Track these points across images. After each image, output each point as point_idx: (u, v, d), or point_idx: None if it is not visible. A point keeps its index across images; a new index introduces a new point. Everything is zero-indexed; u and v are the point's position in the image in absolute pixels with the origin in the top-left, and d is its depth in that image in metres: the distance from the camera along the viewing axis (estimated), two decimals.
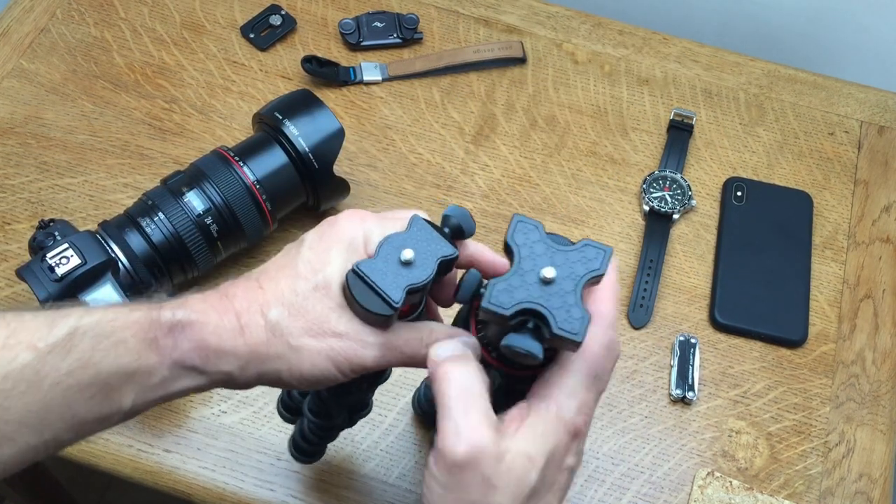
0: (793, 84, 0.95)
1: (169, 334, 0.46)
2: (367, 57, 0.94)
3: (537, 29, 0.97)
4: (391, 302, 0.45)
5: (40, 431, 0.44)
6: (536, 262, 0.44)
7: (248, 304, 0.47)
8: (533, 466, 0.43)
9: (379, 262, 0.46)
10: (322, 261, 0.47)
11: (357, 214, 0.49)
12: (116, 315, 0.46)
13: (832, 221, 0.86)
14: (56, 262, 0.65)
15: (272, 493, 0.70)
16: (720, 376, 0.78)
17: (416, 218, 0.48)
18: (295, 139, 0.75)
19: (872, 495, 0.73)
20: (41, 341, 0.44)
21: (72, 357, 0.44)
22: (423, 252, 0.46)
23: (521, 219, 0.45)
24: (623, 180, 0.88)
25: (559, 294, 0.43)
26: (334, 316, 0.47)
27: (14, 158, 0.85)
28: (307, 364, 0.47)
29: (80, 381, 0.44)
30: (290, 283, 0.47)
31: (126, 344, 0.45)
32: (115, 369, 0.45)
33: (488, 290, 0.43)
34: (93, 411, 0.45)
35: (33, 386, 0.43)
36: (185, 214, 0.72)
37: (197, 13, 0.95)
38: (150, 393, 0.47)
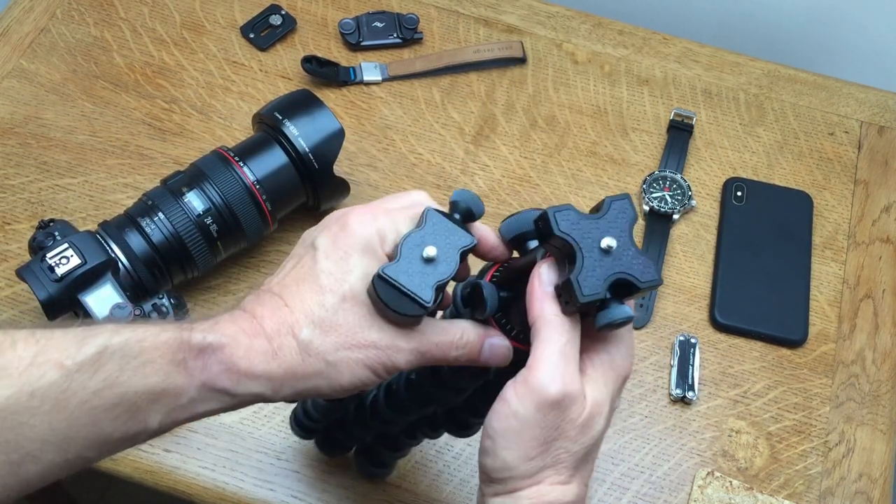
0: (793, 84, 0.95)
1: (198, 357, 0.46)
2: (367, 57, 0.94)
3: (537, 29, 0.97)
4: (422, 302, 0.45)
5: (65, 450, 0.44)
6: (591, 238, 0.45)
7: (278, 325, 0.47)
8: (602, 413, 0.47)
9: (403, 264, 0.46)
10: (343, 270, 0.47)
11: (367, 213, 0.49)
12: (145, 335, 0.45)
13: (832, 221, 0.86)
14: (56, 262, 0.65)
15: (272, 493, 0.70)
16: (720, 376, 0.78)
17: (430, 211, 0.48)
18: (295, 139, 0.75)
19: (872, 495, 0.73)
20: (69, 359, 0.43)
21: (99, 376, 0.44)
22: (443, 246, 0.47)
23: (555, 210, 0.46)
24: (623, 180, 0.88)
25: (623, 254, 0.45)
26: (366, 325, 0.47)
27: (14, 158, 0.85)
28: (347, 376, 0.47)
29: (107, 400, 0.44)
30: (317, 297, 0.47)
31: (154, 364, 0.45)
32: (142, 389, 0.45)
33: (575, 287, 0.44)
34: (119, 430, 0.45)
35: (60, 404, 0.43)
36: (185, 214, 0.72)
37: (197, 13, 0.96)
38: (178, 413, 0.47)
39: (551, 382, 0.45)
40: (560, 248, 0.46)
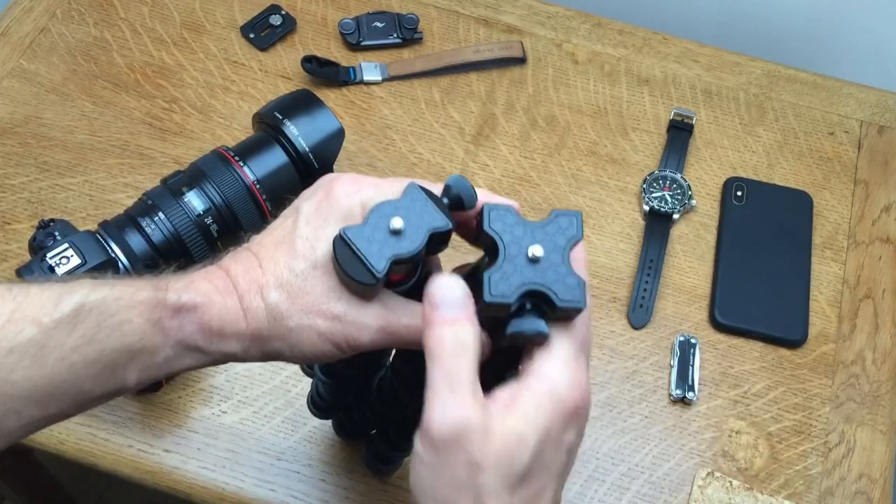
0: (793, 84, 0.95)
1: (174, 316, 0.46)
2: (367, 57, 0.94)
3: (537, 29, 0.97)
4: (374, 271, 0.44)
5: (46, 405, 0.45)
6: (520, 244, 0.44)
7: (249, 285, 0.47)
8: (524, 446, 0.41)
9: (367, 229, 0.45)
10: (318, 237, 0.47)
11: (353, 182, 0.48)
12: (122, 293, 0.46)
13: (832, 221, 0.86)
14: (56, 262, 0.65)
15: (272, 493, 0.70)
16: (720, 376, 0.78)
17: (412, 186, 0.46)
18: (295, 139, 0.75)
19: (872, 495, 0.73)
20: (46, 316, 0.44)
21: (77, 333, 0.44)
22: (413, 222, 0.45)
23: (492, 206, 0.45)
24: (623, 180, 0.88)
25: (551, 268, 0.44)
26: (332, 296, 0.46)
27: (14, 158, 0.85)
28: (307, 345, 0.47)
29: (86, 357, 0.44)
30: (288, 261, 0.47)
31: (131, 324, 0.45)
32: (119, 347, 0.45)
33: (485, 284, 0.43)
34: (98, 387, 0.46)
35: (38, 361, 0.43)
36: (185, 214, 0.72)
37: (197, 13, 0.95)
38: (154, 371, 0.47)
39: (436, 418, 0.40)
40: (487, 245, 0.45)
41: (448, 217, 0.46)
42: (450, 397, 0.41)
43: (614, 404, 0.76)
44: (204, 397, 0.74)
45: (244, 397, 0.74)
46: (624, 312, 0.80)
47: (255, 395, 0.74)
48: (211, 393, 0.74)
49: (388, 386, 0.59)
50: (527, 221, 0.44)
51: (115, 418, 0.72)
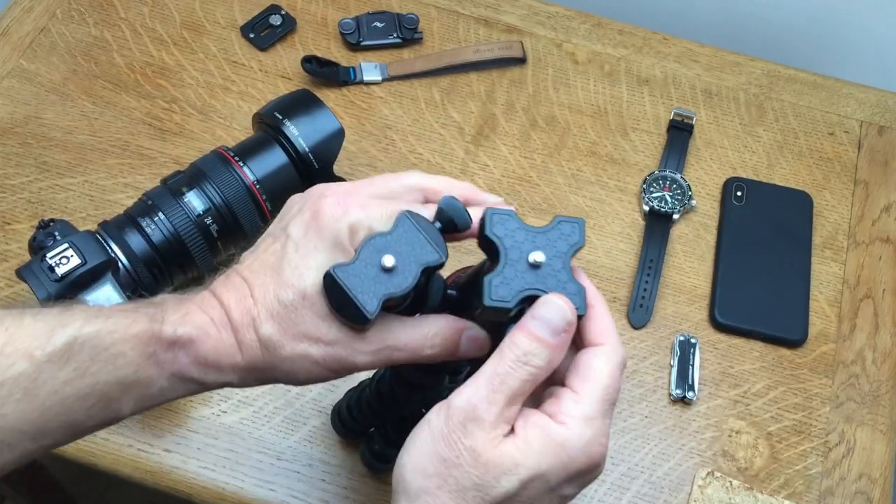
0: (793, 84, 0.95)
1: (169, 349, 0.46)
2: (367, 57, 0.94)
3: (537, 29, 0.97)
4: (364, 312, 0.43)
5: (39, 438, 0.45)
6: (522, 249, 0.44)
7: (242, 316, 0.47)
8: (513, 474, 0.41)
9: (358, 267, 0.44)
10: (307, 265, 0.46)
11: (341, 204, 0.47)
12: (116, 327, 0.45)
13: (832, 221, 0.86)
14: (56, 262, 0.65)
15: (272, 493, 0.70)
16: (720, 376, 0.78)
17: (403, 217, 0.45)
18: (295, 139, 0.75)
19: (872, 495, 0.73)
20: (38, 350, 0.43)
21: (69, 367, 0.44)
22: (405, 258, 0.44)
23: (494, 211, 0.44)
24: (623, 180, 0.88)
25: (552, 274, 0.44)
26: (324, 325, 0.46)
27: (14, 158, 0.85)
28: (302, 372, 0.47)
29: (79, 390, 0.44)
30: (276, 291, 0.46)
31: (125, 357, 0.45)
32: (113, 380, 0.45)
33: (486, 288, 0.43)
34: (92, 419, 0.46)
35: (30, 394, 0.43)
36: (185, 214, 0.71)
37: (197, 13, 0.95)
38: (149, 401, 0.47)
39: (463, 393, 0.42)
40: (488, 250, 0.45)
41: (440, 249, 0.46)
42: (488, 392, 0.42)
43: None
44: (204, 397, 0.74)
45: (244, 397, 0.74)
46: (624, 312, 0.80)
47: (255, 395, 0.74)
48: (211, 393, 0.74)
49: (388, 386, 0.59)
50: (529, 227, 0.44)
51: None
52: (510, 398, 0.42)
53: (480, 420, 0.41)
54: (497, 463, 0.41)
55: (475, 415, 0.42)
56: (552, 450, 0.42)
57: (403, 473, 0.43)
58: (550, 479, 0.42)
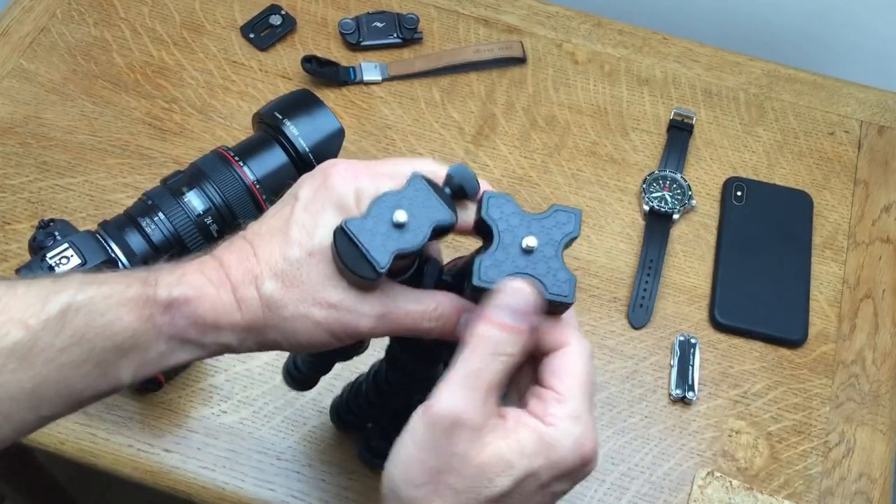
0: (793, 84, 0.95)
1: (165, 311, 0.45)
2: (367, 57, 0.94)
3: (537, 29, 0.97)
4: (376, 266, 0.43)
5: (37, 407, 0.44)
6: (515, 233, 0.44)
7: (243, 275, 0.46)
8: (506, 475, 0.41)
9: (369, 222, 0.44)
10: (315, 223, 0.46)
11: (351, 170, 0.47)
12: (111, 291, 0.45)
13: (832, 221, 0.86)
14: (56, 262, 0.65)
15: (272, 493, 0.70)
16: (720, 376, 0.78)
17: (415, 177, 0.45)
18: (295, 139, 0.75)
19: (872, 495, 0.73)
20: (33, 318, 0.43)
21: (65, 334, 0.43)
22: (417, 215, 0.44)
23: (491, 194, 0.44)
24: (623, 180, 0.88)
25: (543, 261, 0.44)
26: (329, 285, 0.45)
27: (14, 158, 0.85)
28: (303, 335, 0.46)
29: (75, 357, 0.44)
30: (283, 249, 0.46)
31: (121, 322, 0.44)
32: (110, 345, 0.44)
33: (476, 268, 0.43)
34: (90, 386, 0.45)
35: (26, 362, 0.43)
36: (185, 214, 0.71)
37: (197, 13, 0.96)
38: (148, 367, 0.46)
39: (442, 399, 0.41)
40: (483, 231, 0.45)
41: (452, 209, 0.46)
42: (463, 391, 0.41)
43: (614, 404, 0.76)
44: (204, 397, 0.74)
45: (244, 397, 0.74)
46: (624, 312, 0.80)
47: (255, 395, 0.74)
48: (211, 393, 0.74)
49: (384, 377, 0.59)
50: (525, 213, 0.44)
51: (114, 418, 0.72)
52: (488, 392, 0.42)
53: (464, 425, 0.41)
54: (490, 464, 0.41)
55: (458, 420, 0.41)
56: (544, 450, 0.42)
57: (392, 485, 0.42)
58: (542, 477, 0.42)
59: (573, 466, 0.43)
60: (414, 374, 0.55)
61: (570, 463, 0.42)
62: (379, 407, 0.62)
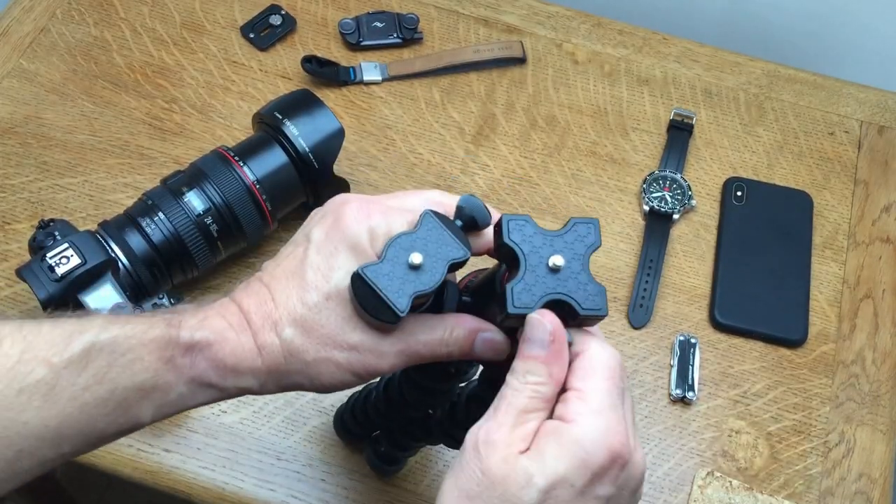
0: (793, 84, 0.95)
1: (186, 354, 0.46)
2: (367, 57, 0.94)
3: (537, 29, 0.97)
4: (396, 310, 0.44)
5: (58, 445, 0.44)
6: (541, 254, 0.44)
7: (263, 321, 0.47)
8: (530, 487, 0.41)
9: (386, 266, 0.44)
10: (330, 266, 0.46)
11: (363, 209, 0.47)
12: (134, 332, 0.45)
13: (832, 221, 0.86)
14: (56, 261, 0.65)
15: (272, 493, 0.70)
16: (720, 376, 0.78)
17: (427, 215, 0.46)
18: (295, 139, 0.75)
19: (872, 495, 0.73)
20: (56, 356, 0.43)
21: (88, 373, 0.44)
22: (432, 255, 0.45)
23: (510, 217, 0.45)
24: (623, 180, 0.88)
25: (572, 277, 0.44)
26: (348, 328, 0.46)
27: (14, 158, 0.85)
28: (326, 377, 0.47)
29: (98, 396, 0.44)
30: (300, 294, 0.46)
31: (143, 362, 0.45)
32: (131, 385, 0.45)
33: (509, 296, 0.43)
34: (112, 425, 0.46)
35: (49, 401, 0.43)
36: (185, 214, 0.72)
37: (197, 13, 0.95)
38: (169, 408, 0.47)
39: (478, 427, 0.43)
40: (507, 256, 0.45)
41: (465, 244, 0.46)
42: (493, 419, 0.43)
43: None
44: None
45: (244, 397, 0.74)
46: (624, 312, 0.80)
47: None
48: None
49: (397, 390, 0.59)
50: (545, 231, 0.45)
51: None
52: (518, 415, 0.42)
53: (492, 441, 0.42)
54: (513, 479, 0.41)
55: (487, 438, 0.42)
56: (566, 451, 0.41)
57: None
58: (575, 482, 0.41)
59: (604, 462, 0.42)
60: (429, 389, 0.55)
61: (599, 460, 0.41)
62: (390, 417, 0.62)
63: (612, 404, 0.43)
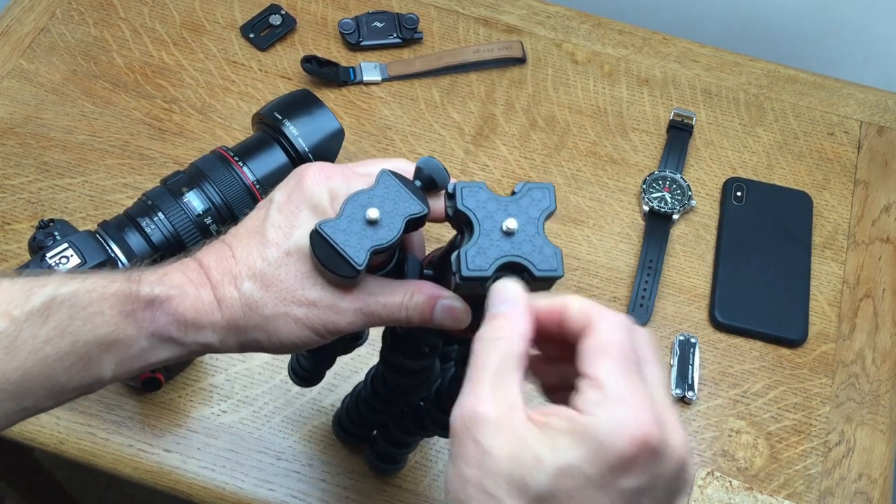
0: (793, 84, 0.95)
1: (147, 308, 0.46)
2: (367, 57, 0.94)
3: (537, 29, 0.97)
4: (354, 264, 0.44)
5: (20, 398, 0.45)
6: (494, 218, 0.44)
7: (222, 275, 0.47)
8: (539, 470, 0.37)
9: (343, 222, 0.45)
10: (290, 224, 0.47)
11: (323, 171, 0.48)
12: (94, 286, 0.46)
13: (832, 221, 0.86)
14: (56, 261, 0.65)
15: (272, 493, 0.70)
16: (720, 376, 0.78)
17: (384, 173, 0.46)
18: (294, 139, 0.75)
19: (872, 495, 0.73)
20: (17, 309, 0.44)
21: (48, 326, 0.44)
22: (389, 210, 0.45)
23: (464, 184, 0.45)
24: (623, 180, 0.88)
25: (527, 240, 0.44)
26: (307, 283, 0.46)
27: (14, 158, 0.85)
28: (284, 332, 0.47)
29: (59, 349, 0.44)
30: (260, 250, 0.47)
31: (103, 315, 0.45)
32: (92, 339, 0.45)
33: (461, 259, 0.43)
34: (73, 380, 0.46)
35: (10, 353, 0.43)
36: (184, 214, 0.72)
37: (197, 13, 0.96)
38: (130, 363, 0.47)
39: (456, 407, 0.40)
40: (461, 223, 0.45)
41: (423, 201, 0.46)
42: (469, 388, 0.40)
43: None
44: (204, 397, 0.74)
45: (244, 397, 0.74)
46: (624, 312, 0.80)
47: (255, 394, 0.74)
48: (211, 392, 0.74)
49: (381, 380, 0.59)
50: (499, 196, 0.45)
51: (114, 418, 0.72)
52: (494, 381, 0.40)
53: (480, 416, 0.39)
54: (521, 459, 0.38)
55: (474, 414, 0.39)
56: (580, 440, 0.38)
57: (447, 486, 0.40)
58: (589, 472, 0.37)
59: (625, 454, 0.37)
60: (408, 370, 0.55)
61: (619, 450, 0.37)
62: (382, 412, 0.63)
63: (629, 385, 0.39)
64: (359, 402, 0.64)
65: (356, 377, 0.73)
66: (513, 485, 0.38)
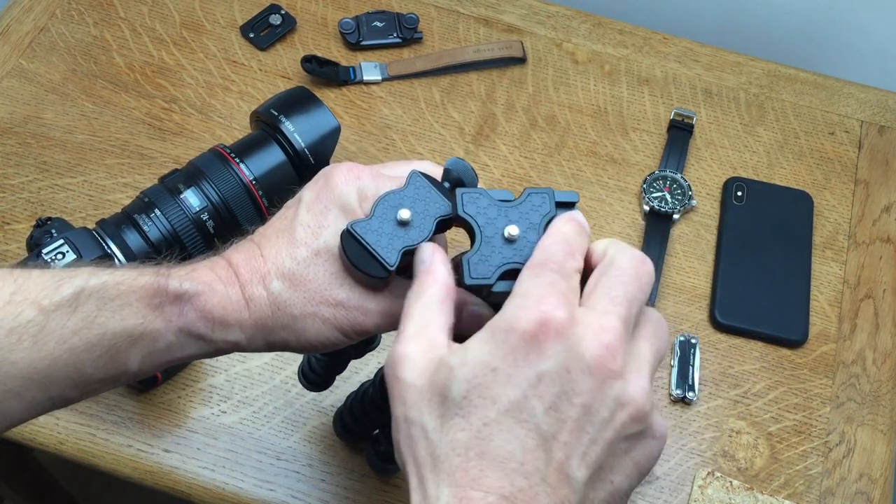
0: (793, 84, 0.95)
1: (175, 303, 0.46)
2: (367, 56, 0.94)
3: (537, 28, 0.97)
4: (386, 264, 0.44)
5: (47, 388, 0.45)
6: (496, 225, 0.44)
7: (251, 274, 0.47)
8: (452, 379, 0.39)
9: (374, 223, 0.45)
10: (319, 224, 0.47)
11: (353, 171, 0.48)
12: (123, 278, 0.46)
13: (832, 221, 0.86)
14: (52, 257, 0.65)
15: (272, 493, 0.70)
16: (720, 376, 0.77)
17: (414, 174, 0.47)
18: (291, 136, 0.75)
19: (872, 495, 0.73)
20: (46, 299, 0.44)
21: (77, 317, 0.44)
22: (420, 211, 0.46)
23: (464, 191, 0.45)
24: (623, 180, 0.88)
25: (528, 246, 0.44)
26: (335, 283, 0.46)
27: (14, 158, 0.85)
28: (312, 332, 0.47)
29: (87, 340, 0.45)
30: (289, 249, 0.47)
31: (131, 308, 0.45)
32: (120, 331, 0.45)
33: (464, 267, 0.43)
34: (100, 371, 0.46)
35: (38, 342, 0.44)
36: (182, 212, 0.71)
37: (197, 13, 0.95)
38: (157, 357, 0.47)
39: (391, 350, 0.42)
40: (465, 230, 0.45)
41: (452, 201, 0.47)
42: (396, 338, 0.42)
43: None
44: (204, 397, 0.74)
45: (244, 397, 0.74)
46: None
47: (255, 395, 0.74)
48: (211, 393, 0.74)
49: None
50: (500, 202, 0.45)
51: (114, 418, 0.72)
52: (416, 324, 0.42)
53: (399, 355, 0.41)
54: (438, 379, 0.40)
55: (394, 356, 0.41)
56: (485, 337, 0.40)
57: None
58: (497, 364, 0.38)
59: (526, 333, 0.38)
60: None
61: (519, 331, 0.39)
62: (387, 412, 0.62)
63: (540, 284, 0.40)
64: (364, 401, 0.64)
65: (357, 378, 0.73)
66: (432, 403, 0.39)
